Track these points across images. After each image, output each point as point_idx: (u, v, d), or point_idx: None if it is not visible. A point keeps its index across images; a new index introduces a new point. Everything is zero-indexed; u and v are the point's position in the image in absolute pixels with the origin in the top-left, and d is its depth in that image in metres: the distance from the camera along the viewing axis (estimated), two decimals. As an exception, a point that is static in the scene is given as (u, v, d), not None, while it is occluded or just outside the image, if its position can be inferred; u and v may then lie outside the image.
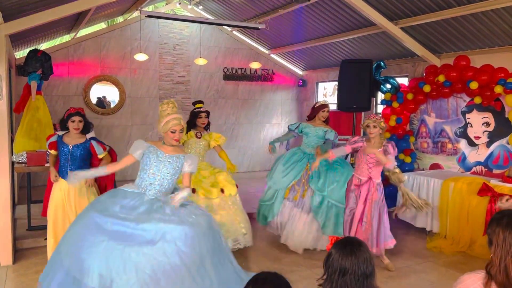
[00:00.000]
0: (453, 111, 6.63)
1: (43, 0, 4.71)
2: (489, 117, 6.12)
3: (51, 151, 4.26)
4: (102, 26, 9.10)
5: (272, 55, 10.45)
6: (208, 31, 9.73)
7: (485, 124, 6.17)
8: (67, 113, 4.17)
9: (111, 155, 4.41)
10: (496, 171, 6.00)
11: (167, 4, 9.27)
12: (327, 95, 10.25)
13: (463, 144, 6.50)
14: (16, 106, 6.04)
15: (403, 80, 7.57)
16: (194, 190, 4.53)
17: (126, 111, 9.08)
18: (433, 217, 5.63)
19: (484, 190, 5.04)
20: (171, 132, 3.31)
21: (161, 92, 9.37)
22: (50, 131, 5.67)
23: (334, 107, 7.61)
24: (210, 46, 9.80)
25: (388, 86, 7.07)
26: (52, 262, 3.18)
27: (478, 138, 6.28)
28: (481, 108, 6.16)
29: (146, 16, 7.65)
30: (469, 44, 6.34)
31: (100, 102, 8.97)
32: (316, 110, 5.36)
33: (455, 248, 5.19)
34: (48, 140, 4.27)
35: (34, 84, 5.78)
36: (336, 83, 7.98)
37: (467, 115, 6.42)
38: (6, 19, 4.53)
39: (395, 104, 7.00)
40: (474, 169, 6.33)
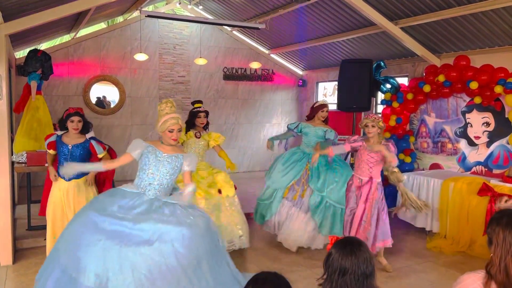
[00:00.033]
0: (453, 111, 6.63)
1: (43, 0, 4.71)
2: (489, 117, 6.12)
3: (50, 151, 4.26)
4: (102, 26, 9.10)
5: (272, 55, 10.45)
6: (208, 31, 9.73)
7: (485, 124, 6.18)
8: (66, 113, 4.17)
9: (111, 155, 4.42)
10: (496, 171, 6.00)
11: (167, 4, 9.28)
12: (327, 95, 10.25)
13: (463, 144, 6.50)
14: (16, 106, 6.04)
15: (403, 80, 7.57)
16: None
17: (126, 111, 9.08)
18: (433, 217, 5.63)
19: (484, 190, 5.04)
20: (169, 132, 3.30)
21: (161, 92, 9.37)
22: (50, 131, 5.66)
23: (334, 107, 7.61)
24: (210, 46, 9.80)
25: (388, 86, 7.07)
26: (49, 260, 3.17)
27: (478, 138, 6.29)
28: (481, 108, 6.16)
29: (146, 16, 7.65)
30: (469, 44, 6.34)
31: (100, 102, 8.98)
32: (315, 110, 5.36)
33: (455, 248, 5.19)
34: (46, 139, 4.26)
35: (34, 84, 5.78)
36: (336, 83, 7.98)
37: (467, 115, 6.42)
38: (6, 19, 4.53)
39: (395, 104, 7.00)
40: (474, 169, 6.33)
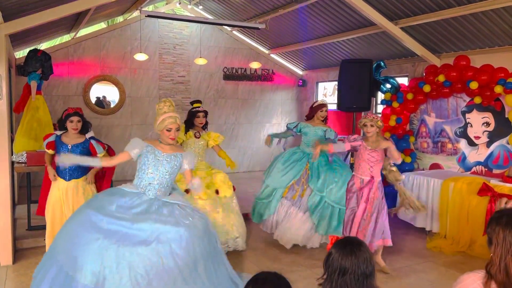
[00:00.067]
0: (453, 111, 6.63)
1: (43, 0, 4.71)
2: (489, 117, 6.12)
3: (49, 151, 4.26)
4: (102, 26, 9.10)
5: (272, 55, 10.45)
6: (208, 31, 9.73)
7: (485, 124, 6.17)
8: (65, 113, 4.16)
9: (110, 154, 4.41)
10: (496, 171, 6.00)
11: (167, 4, 9.28)
12: (327, 95, 10.25)
13: (463, 144, 6.50)
14: (15, 106, 6.04)
15: (403, 80, 7.57)
16: (187, 191, 4.50)
17: (126, 111, 9.08)
18: (433, 217, 5.63)
19: (484, 190, 5.04)
20: (167, 131, 3.30)
21: (161, 92, 9.37)
22: (50, 130, 5.66)
23: (334, 107, 7.61)
24: (210, 46, 9.80)
25: (388, 86, 7.07)
26: (47, 257, 3.17)
27: (478, 138, 6.28)
28: (481, 108, 6.16)
29: (146, 16, 7.65)
30: (469, 44, 6.34)
31: (99, 102, 8.98)
32: (314, 109, 5.37)
33: (455, 248, 5.19)
34: (45, 139, 4.25)
35: (34, 84, 5.77)
36: (336, 83, 7.98)
37: (467, 115, 6.42)
38: (6, 19, 4.53)
39: (395, 104, 7.00)
40: (474, 169, 6.33)
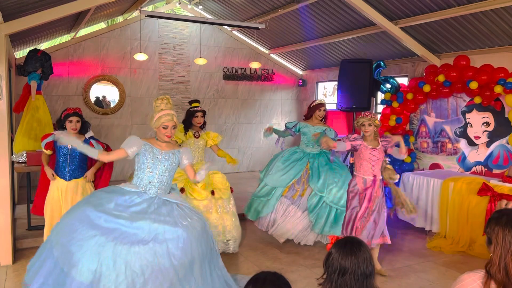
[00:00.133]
0: (453, 111, 6.63)
1: (43, 0, 4.71)
2: (489, 117, 6.12)
3: (47, 151, 4.25)
4: (102, 26, 9.11)
5: (272, 55, 10.45)
6: (208, 31, 9.73)
7: (485, 124, 6.17)
8: (64, 113, 4.15)
9: None
10: (496, 171, 6.00)
11: (167, 4, 9.28)
12: (327, 95, 10.25)
13: (463, 144, 6.50)
14: (15, 105, 6.03)
15: (403, 80, 7.57)
16: (183, 190, 4.51)
17: (126, 110, 9.08)
18: (432, 216, 5.63)
19: (484, 190, 5.04)
20: (163, 128, 3.29)
21: (161, 92, 9.37)
22: (50, 130, 5.65)
23: (334, 107, 7.61)
24: (210, 46, 9.81)
25: (388, 86, 7.07)
26: (42, 251, 3.14)
27: (478, 138, 6.29)
28: (481, 108, 6.16)
29: (146, 16, 7.64)
30: (469, 44, 6.34)
31: (98, 102, 8.98)
32: (312, 109, 5.37)
33: (454, 247, 5.19)
34: (43, 139, 4.24)
35: (34, 84, 5.77)
36: (336, 83, 7.98)
37: (467, 115, 6.42)
38: (6, 19, 4.53)
39: (395, 104, 7.00)
40: (474, 169, 6.33)
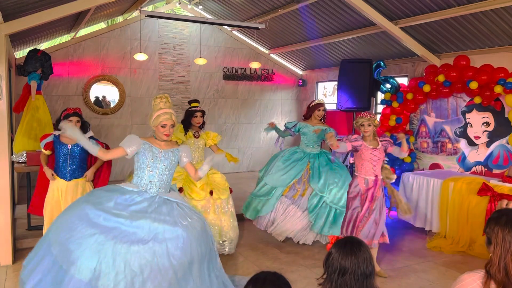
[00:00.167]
0: (453, 111, 6.63)
1: (43, 0, 4.71)
2: (489, 117, 6.12)
3: (46, 152, 4.25)
4: (102, 26, 9.11)
5: (272, 55, 10.45)
6: (208, 31, 9.73)
7: (485, 124, 6.18)
8: (64, 113, 4.15)
9: None
10: (496, 171, 6.00)
11: (167, 4, 9.28)
12: (327, 95, 10.25)
13: (463, 144, 6.50)
14: (15, 105, 6.03)
15: (403, 80, 7.57)
16: (181, 190, 4.51)
17: (126, 110, 9.08)
18: (432, 216, 5.63)
19: (484, 190, 5.04)
20: (161, 127, 3.28)
21: (161, 92, 9.36)
22: (50, 130, 5.66)
23: (334, 107, 7.61)
24: (210, 46, 9.81)
25: (388, 86, 7.07)
26: (39, 247, 3.10)
27: (478, 138, 6.29)
28: (481, 108, 6.16)
29: (146, 16, 7.65)
30: (469, 44, 6.34)
31: (98, 102, 8.98)
32: (311, 109, 5.37)
33: (454, 247, 5.19)
34: (42, 140, 4.23)
35: (34, 84, 5.77)
36: (336, 83, 7.98)
37: (467, 115, 6.42)
38: (6, 19, 4.53)
39: (395, 104, 7.00)
40: (474, 169, 6.33)
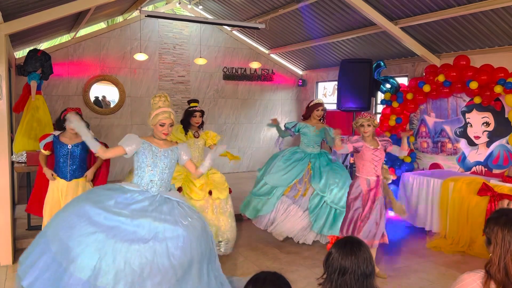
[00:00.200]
0: (453, 111, 6.63)
1: (43, 0, 4.71)
2: (489, 117, 6.12)
3: (45, 152, 4.24)
4: (102, 26, 9.11)
5: (272, 55, 10.45)
6: (208, 31, 9.73)
7: (485, 124, 6.17)
8: (64, 113, 4.15)
9: None
10: (496, 171, 6.00)
11: (167, 4, 9.28)
12: (327, 95, 10.25)
13: (463, 144, 6.50)
14: (15, 105, 6.04)
15: (403, 80, 7.57)
16: (180, 189, 4.51)
17: (126, 110, 9.08)
18: (432, 216, 5.63)
19: (484, 190, 5.05)
20: (160, 125, 3.29)
21: (161, 92, 9.35)
22: (50, 130, 5.66)
23: (334, 107, 7.61)
24: (210, 46, 9.80)
25: (388, 86, 7.07)
26: (36, 243, 3.08)
27: (478, 138, 6.28)
28: (481, 108, 6.16)
29: (146, 16, 7.64)
30: (469, 44, 6.34)
31: (98, 102, 8.97)
32: (310, 109, 5.37)
33: (455, 247, 5.19)
34: (41, 140, 4.23)
35: (34, 84, 5.77)
36: (336, 83, 7.98)
37: (467, 115, 6.42)
38: (6, 19, 4.53)
39: (395, 104, 7.00)
40: (474, 169, 6.33)
